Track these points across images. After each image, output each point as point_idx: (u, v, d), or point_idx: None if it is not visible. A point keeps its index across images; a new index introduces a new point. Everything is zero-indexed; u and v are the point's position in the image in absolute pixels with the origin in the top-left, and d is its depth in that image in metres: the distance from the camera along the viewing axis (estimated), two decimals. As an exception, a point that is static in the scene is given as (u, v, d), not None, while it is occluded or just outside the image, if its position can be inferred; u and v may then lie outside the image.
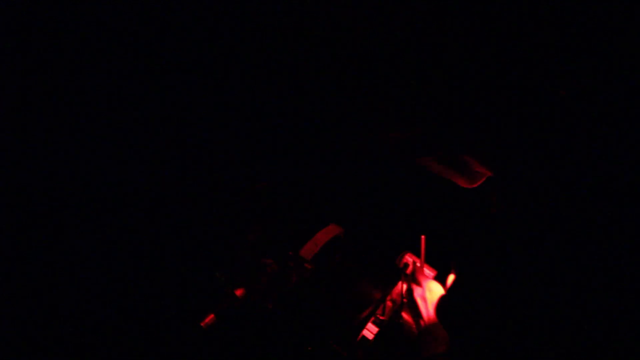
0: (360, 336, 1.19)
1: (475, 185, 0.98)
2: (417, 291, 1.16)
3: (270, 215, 1.51)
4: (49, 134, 1.48)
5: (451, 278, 1.17)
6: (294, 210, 1.57)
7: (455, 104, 0.81)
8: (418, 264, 1.22)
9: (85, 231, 1.50)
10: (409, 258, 1.21)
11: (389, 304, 1.23)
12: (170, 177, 1.61)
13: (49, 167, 1.48)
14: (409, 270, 1.24)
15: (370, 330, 1.19)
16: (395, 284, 1.26)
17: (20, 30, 1.38)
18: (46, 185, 1.48)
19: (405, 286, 1.19)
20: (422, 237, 1.24)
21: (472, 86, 0.80)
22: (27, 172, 1.46)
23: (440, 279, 1.21)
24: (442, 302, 0.94)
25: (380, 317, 1.21)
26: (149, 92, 1.58)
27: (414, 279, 1.20)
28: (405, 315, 1.20)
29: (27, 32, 1.39)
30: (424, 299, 1.14)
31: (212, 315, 1.22)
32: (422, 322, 1.11)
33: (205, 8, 1.54)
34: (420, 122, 0.86)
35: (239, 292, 1.27)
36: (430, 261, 1.27)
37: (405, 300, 1.19)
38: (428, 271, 1.24)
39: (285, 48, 1.58)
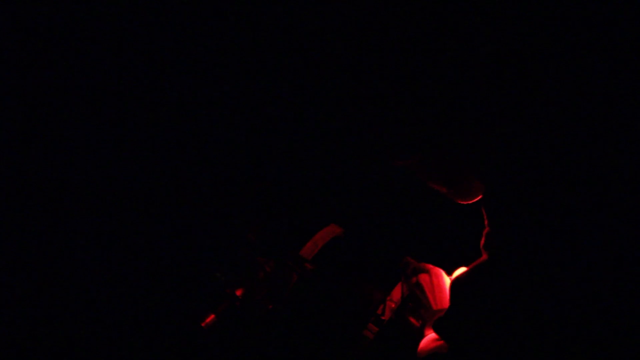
0: (360, 336, 1.19)
1: (468, 202, 0.93)
2: (423, 281, 1.14)
3: (270, 215, 1.51)
4: (50, 133, 1.48)
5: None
6: (294, 210, 1.56)
7: (447, 104, 0.81)
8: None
9: (85, 231, 1.50)
10: (409, 259, 1.20)
11: (389, 304, 1.22)
12: (171, 176, 1.61)
13: (49, 167, 1.48)
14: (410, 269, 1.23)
15: (370, 330, 1.19)
16: (395, 284, 1.26)
17: (20, 30, 1.38)
18: (46, 185, 1.48)
19: (405, 286, 1.18)
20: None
21: (467, 87, 0.80)
22: (27, 172, 1.46)
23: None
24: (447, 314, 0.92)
25: (381, 317, 1.20)
26: (149, 92, 1.58)
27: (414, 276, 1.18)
28: (405, 315, 1.20)
29: (27, 32, 1.39)
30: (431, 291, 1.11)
31: (212, 316, 1.22)
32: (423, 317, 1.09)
33: (206, 8, 1.54)
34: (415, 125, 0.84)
35: (239, 292, 1.27)
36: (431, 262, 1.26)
37: (407, 301, 1.19)
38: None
39: (286, 48, 1.58)
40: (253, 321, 1.32)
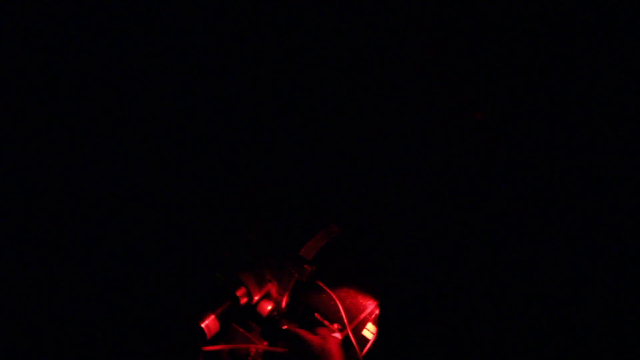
0: (360, 336, 1.19)
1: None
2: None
3: (270, 215, 1.51)
4: (49, 134, 1.48)
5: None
6: (294, 210, 1.56)
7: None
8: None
9: (85, 231, 1.50)
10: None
11: (389, 304, 1.22)
12: (170, 176, 1.61)
13: (49, 167, 1.48)
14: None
15: (370, 330, 1.19)
16: (395, 284, 1.26)
17: (20, 30, 1.38)
18: (46, 185, 1.48)
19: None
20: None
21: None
22: (27, 172, 1.46)
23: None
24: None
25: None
26: (149, 92, 1.58)
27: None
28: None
29: (27, 32, 1.39)
30: None
31: (212, 316, 1.21)
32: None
33: (206, 7, 1.54)
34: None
35: (239, 292, 1.27)
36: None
37: None
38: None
39: (286, 48, 1.58)
40: (253, 321, 1.32)
